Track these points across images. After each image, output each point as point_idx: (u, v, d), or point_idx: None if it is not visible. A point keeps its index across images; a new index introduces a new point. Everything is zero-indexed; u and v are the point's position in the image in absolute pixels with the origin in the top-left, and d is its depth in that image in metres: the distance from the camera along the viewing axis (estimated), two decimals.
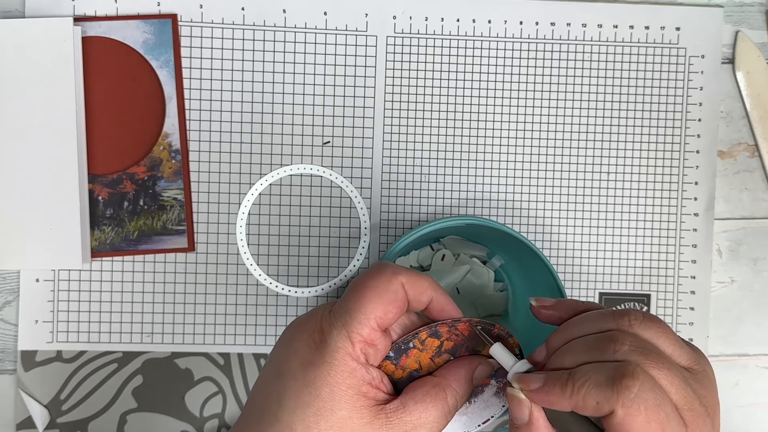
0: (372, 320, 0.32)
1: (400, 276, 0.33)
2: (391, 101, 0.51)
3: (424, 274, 0.34)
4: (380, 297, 0.32)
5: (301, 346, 0.32)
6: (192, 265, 0.50)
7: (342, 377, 0.31)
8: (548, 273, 0.44)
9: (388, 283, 0.32)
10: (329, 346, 0.31)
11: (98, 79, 0.49)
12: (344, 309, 0.32)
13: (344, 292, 0.34)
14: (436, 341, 0.35)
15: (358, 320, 0.32)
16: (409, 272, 0.33)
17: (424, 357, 0.35)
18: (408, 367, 0.34)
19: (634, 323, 0.32)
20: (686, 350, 0.31)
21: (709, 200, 0.52)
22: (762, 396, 0.53)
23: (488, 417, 0.36)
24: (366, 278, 0.33)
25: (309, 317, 0.34)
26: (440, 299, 0.34)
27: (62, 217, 0.48)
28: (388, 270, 0.33)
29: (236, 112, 0.50)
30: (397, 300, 0.32)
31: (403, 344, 0.34)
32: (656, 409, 0.28)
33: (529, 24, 0.51)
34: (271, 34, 0.50)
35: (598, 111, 0.52)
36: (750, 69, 0.52)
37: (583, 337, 0.32)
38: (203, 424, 0.50)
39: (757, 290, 0.53)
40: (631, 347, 0.30)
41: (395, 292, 0.32)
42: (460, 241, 0.50)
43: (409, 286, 0.33)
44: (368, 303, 0.32)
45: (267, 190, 0.50)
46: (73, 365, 0.49)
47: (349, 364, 0.31)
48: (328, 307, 0.34)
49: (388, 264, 0.34)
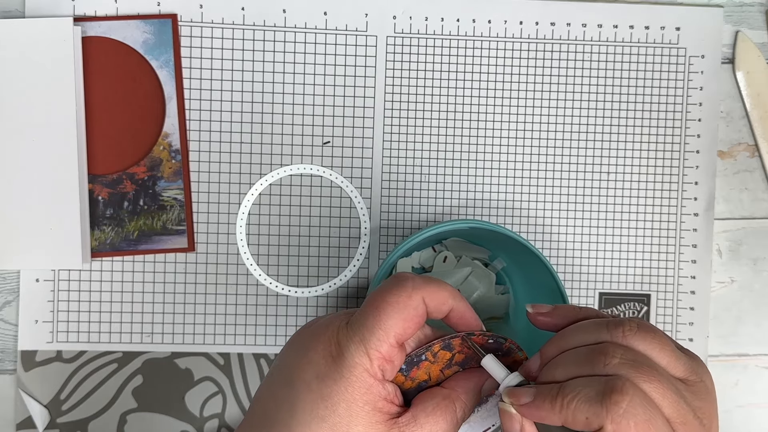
0: (392, 337, 0.31)
1: (421, 290, 0.32)
2: (391, 101, 0.51)
3: (444, 284, 0.33)
4: (400, 313, 0.31)
5: (316, 357, 0.32)
6: (192, 265, 0.50)
7: (359, 393, 0.31)
8: (549, 275, 0.44)
9: (409, 299, 0.32)
10: (347, 361, 0.31)
11: (98, 79, 0.49)
12: (362, 324, 0.31)
13: (363, 304, 0.33)
14: (447, 354, 0.34)
15: (377, 336, 0.31)
16: (429, 284, 0.33)
17: (434, 369, 0.34)
18: (418, 378, 0.34)
19: (629, 334, 0.31)
20: (682, 360, 0.31)
21: (709, 200, 0.52)
22: (762, 396, 0.53)
23: (489, 426, 0.36)
24: (386, 293, 0.32)
25: (324, 327, 0.33)
26: (460, 307, 0.34)
27: (62, 217, 0.48)
28: (408, 284, 0.32)
29: (236, 112, 0.50)
30: (417, 316, 0.32)
31: (415, 357, 0.33)
32: (646, 424, 0.28)
33: (529, 24, 0.51)
34: (271, 34, 0.50)
35: (598, 111, 0.52)
36: (750, 69, 0.52)
37: (575, 349, 0.32)
38: (203, 424, 0.50)
39: (757, 290, 0.53)
40: (621, 360, 0.30)
41: (416, 308, 0.32)
42: (462, 243, 0.50)
43: (429, 300, 0.32)
44: (388, 319, 0.31)
45: (267, 190, 0.50)
46: (73, 365, 0.49)
47: (366, 380, 0.31)
48: (345, 318, 0.33)
49: (408, 277, 0.33)
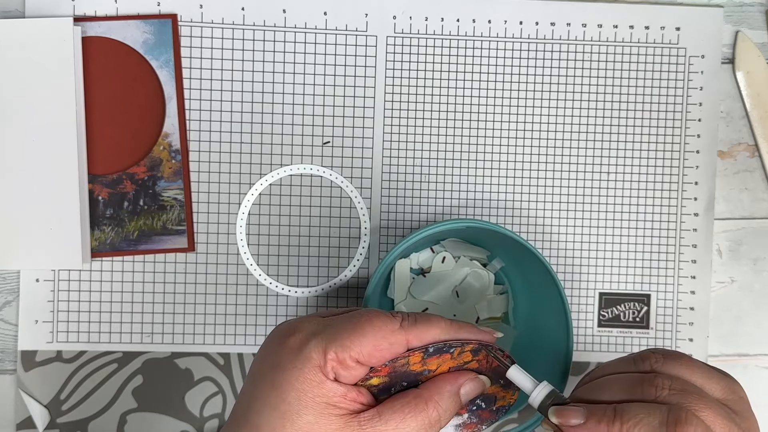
0: (354, 352, 0.31)
1: (407, 333, 0.32)
2: (391, 101, 0.51)
3: (435, 323, 0.33)
4: (375, 339, 0.31)
5: (274, 347, 0.32)
6: (192, 265, 0.50)
7: (309, 386, 0.31)
8: (548, 275, 0.44)
9: (390, 334, 0.32)
10: (302, 353, 0.31)
11: (98, 79, 0.49)
12: (335, 326, 0.32)
13: (347, 314, 0.33)
14: (469, 356, 0.34)
15: (341, 343, 0.31)
16: (419, 325, 0.33)
17: (448, 364, 0.34)
18: (429, 364, 0.34)
19: (657, 365, 0.32)
20: (716, 378, 0.31)
21: (709, 200, 0.52)
22: (762, 396, 0.53)
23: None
24: (375, 316, 0.32)
25: (293, 321, 0.33)
26: (459, 338, 0.34)
27: (62, 217, 0.48)
28: (397, 321, 0.32)
29: (236, 112, 0.50)
30: (389, 351, 0.32)
31: (445, 347, 0.33)
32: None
33: (529, 24, 0.51)
34: (271, 34, 0.50)
35: (598, 111, 0.52)
36: (750, 69, 0.52)
37: (618, 375, 0.32)
38: (203, 424, 0.50)
39: (757, 290, 0.53)
40: (672, 390, 0.30)
41: (391, 344, 0.32)
42: (461, 243, 0.50)
43: (416, 341, 0.32)
44: (361, 336, 0.31)
45: (267, 190, 0.50)
46: (73, 365, 0.49)
47: (317, 375, 0.31)
48: (318, 315, 0.33)
49: (401, 315, 0.33)
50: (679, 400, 0.30)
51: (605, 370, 0.34)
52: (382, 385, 0.33)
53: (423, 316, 0.33)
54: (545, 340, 0.46)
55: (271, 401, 0.31)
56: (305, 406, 0.30)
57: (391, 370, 0.33)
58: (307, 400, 0.31)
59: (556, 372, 0.45)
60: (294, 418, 0.30)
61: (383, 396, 0.34)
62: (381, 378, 0.33)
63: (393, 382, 0.34)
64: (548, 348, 0.46)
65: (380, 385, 0.33)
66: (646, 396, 0.30)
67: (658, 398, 0.30)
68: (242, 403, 0.32)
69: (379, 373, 0.33)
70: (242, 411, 0.32)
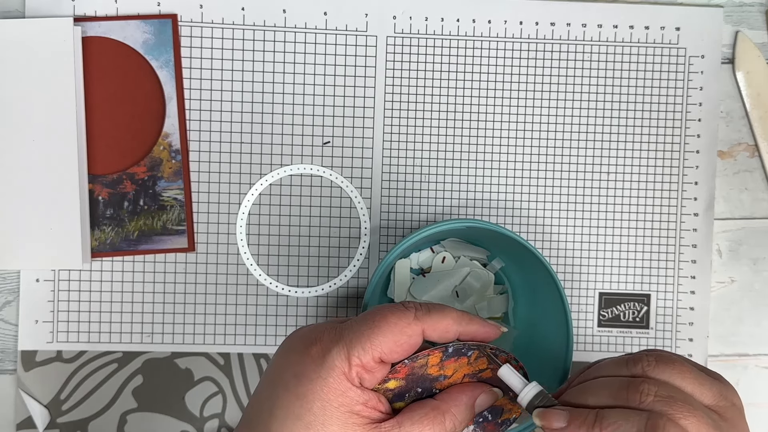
0: (376, 352, 0.31)
1: (422, 322, 0.32)
2: (391, 101, 0.51)
3: (447, 313, 0.34)
4: (395, 335, 0.32)
5: (296, 357, 0.32)
6: (192, 265, 0.50)
7: (334, 395, 0.31)
8: (548, 275, 0.44)
9: (407, 326, 0.32)
10: (326, 363, 0.31)
11: (98, 79, 0.49)
12: (354, 331, 0.32)
13: (361, 314, 0.33)
14: (485, 363, 0.34)
15: (363, 346, 0.31)
16: (433, 314, 0.33)
17: (464, 370, 0.34)
18: (446, 368, 0.34)
19: (648, 369, 0.31)
20: (707, 384, 0.31)
21: (709, 200, 0.52)
22: (762, 396, 0.53)
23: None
24: (388, 311, 0.33)
25: (313, 329, 0.33)
26: (470, 330, 0.34)
27: (62, 217, 0.48)
28: (411, 312, 0.33)
29: (236, 112, 0.50)
30: (408, 344, 0.32)
31: (464, 347, 0.33)
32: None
33: (529, 24, 0.51)
34: (271, 34, 0.50)
35: (598, 111, 0.52)
36: (750, 69, 0.52)
37: (607, 378, 0.32)
38: (203, 424, 0.50)
39: (757, 290, 0.53)
40: (657, 397, 0.30)
41: (410, 336, 0.32)
42: (461, 243, 0.50)
43: (430, 331, 0.33)
44: (380, 335, 0.32)
45: (267, 190, 0.50)
46: (73, 365, 0.49)
47: (343, 383, 0.31)
48: (337, 322, 0.33)
49: (413, 306, 0.33)
50: (662, 408, 0.30)
51: (598, 371, 0.34)
52: (398, 389, 0.33)
53: (436, 305, 0.34)
54: (545, 340, 0.46)
55: (294, 410, 0.31)
56: (330, 416, 0.31)
57: (410, 372, 0.33)
58: (332, 410, 0.31)
59: (556, 372, 0.45)
60: (319, 428, 0.31)
61: (397, 401, 0.34)
62: (398, 381, 0.33)
63: (408, 386, 0.34)
64: (548, 348, 0.46)
65: (396, 390, 0.33)
66: (630, 402, 0.30)
67: (642, 404, 0.30)
68: (259, 410, 0.32)
69: (397, 375, 0.33)
70: (261, 417, 0.32)
